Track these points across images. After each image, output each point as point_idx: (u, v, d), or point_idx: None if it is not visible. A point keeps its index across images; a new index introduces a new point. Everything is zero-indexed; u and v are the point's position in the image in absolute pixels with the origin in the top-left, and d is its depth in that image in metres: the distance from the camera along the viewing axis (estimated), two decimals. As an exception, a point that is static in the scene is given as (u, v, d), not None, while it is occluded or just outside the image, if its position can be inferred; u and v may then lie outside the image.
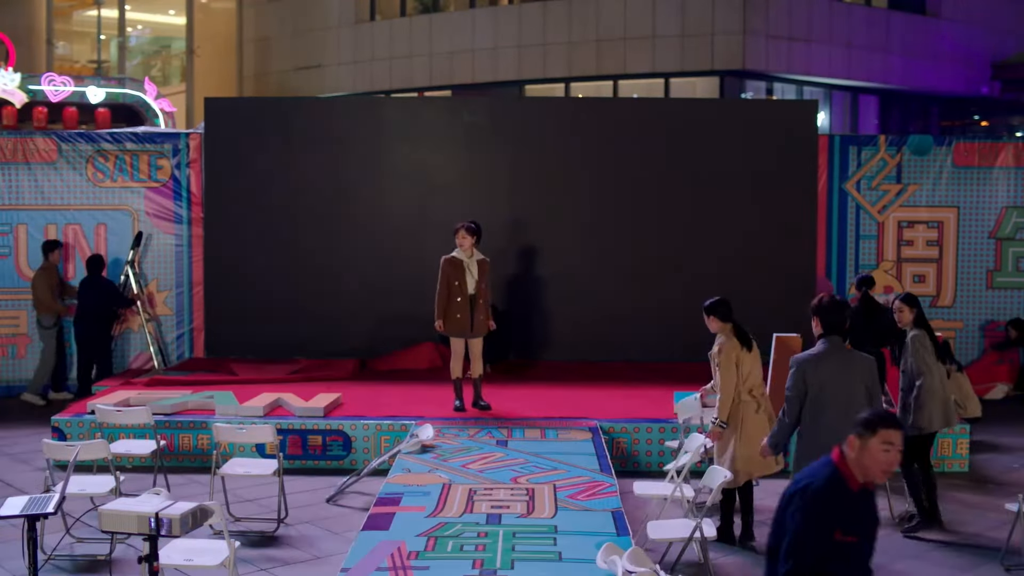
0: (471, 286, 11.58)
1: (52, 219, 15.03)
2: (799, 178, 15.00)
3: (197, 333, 15.23)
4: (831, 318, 7.65)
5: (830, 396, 7.42)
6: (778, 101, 27.18)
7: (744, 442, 8.54)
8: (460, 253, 11.64)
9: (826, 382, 7.47)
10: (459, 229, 11.75)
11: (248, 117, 15.67)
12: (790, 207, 14.94)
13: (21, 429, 12.85)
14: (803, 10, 27.78)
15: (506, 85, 29.04)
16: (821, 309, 7.70)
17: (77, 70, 34.77)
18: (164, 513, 5.83)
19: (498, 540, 7.54)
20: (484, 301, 11.70)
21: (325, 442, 11.13)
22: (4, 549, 8.64)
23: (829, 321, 7.65)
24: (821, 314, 7.69)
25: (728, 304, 8.88)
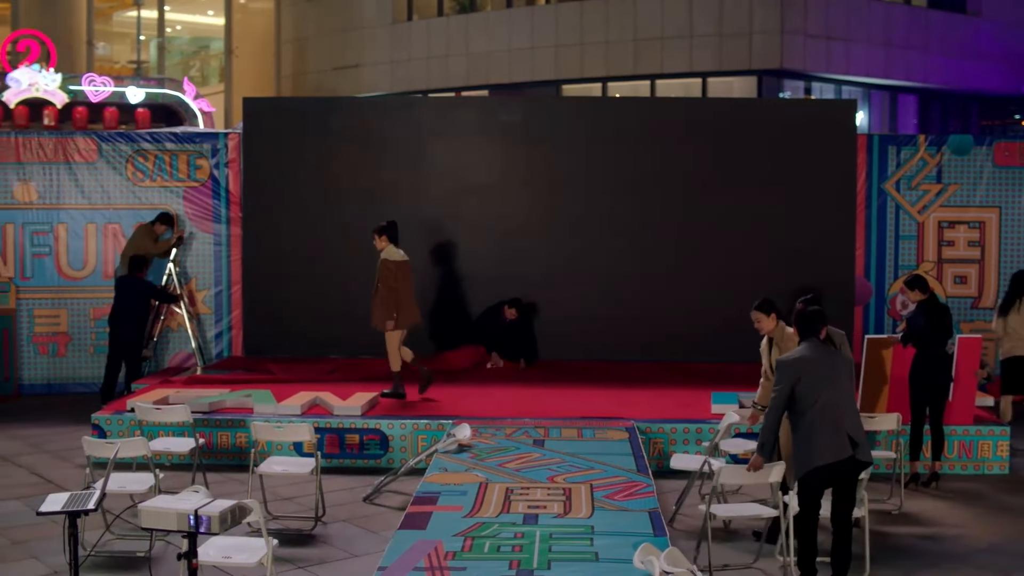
0: None
1: (92, 218, 15.14)
2: (837, 178, 14.91)
3: (235, 332, 15.31)
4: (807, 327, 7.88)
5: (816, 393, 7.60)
6: (816, 101, 27.06)
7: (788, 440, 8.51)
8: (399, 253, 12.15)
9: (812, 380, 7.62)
10: None
11: (286, 117, 15.74)
12: (828, 207, 14.85)
13: (61, 426, 12.95)
14: (841, 9, 27.64)
15: (543, 85, 29.04)
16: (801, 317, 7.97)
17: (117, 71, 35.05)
18: (203, 511, 5.85)
19: (535, 540, 7.53)
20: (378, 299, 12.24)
21: (362, 441, 11.15)
22: (45, 545, 8.72)
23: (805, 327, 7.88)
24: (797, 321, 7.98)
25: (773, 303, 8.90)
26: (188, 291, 15.09)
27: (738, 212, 14.88)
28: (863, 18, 28.10)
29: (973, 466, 11.00)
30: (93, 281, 15.10)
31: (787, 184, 14.86)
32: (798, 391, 7.65)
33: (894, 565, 8.31)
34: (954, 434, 10.92)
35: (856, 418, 7.74)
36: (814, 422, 7.58)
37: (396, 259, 12.15)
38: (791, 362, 7.76)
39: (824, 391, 7.61)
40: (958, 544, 8.99)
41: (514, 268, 14.94)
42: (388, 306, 12.10)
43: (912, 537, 9.15)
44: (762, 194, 14.87)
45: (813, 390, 7.61)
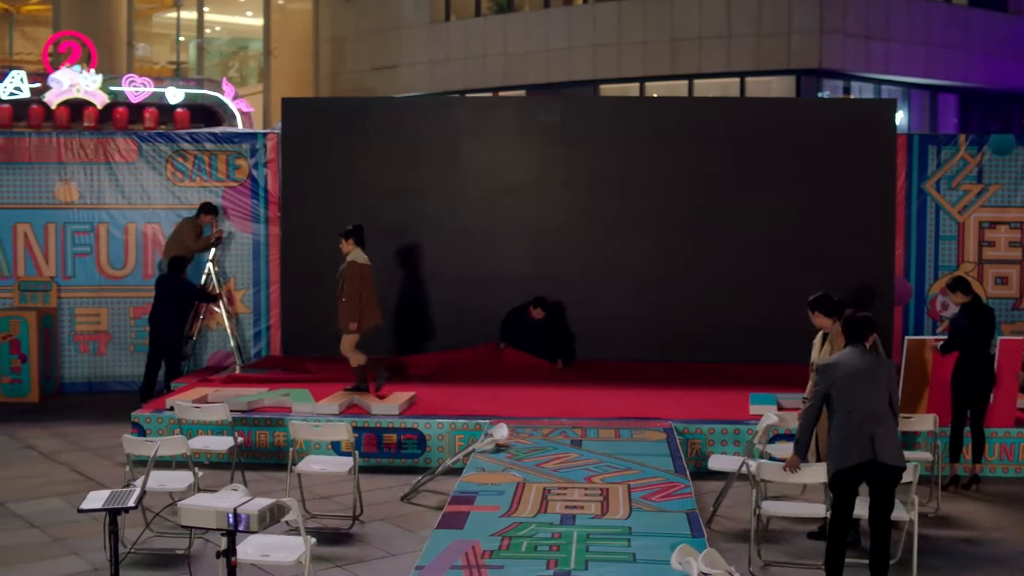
0: None
1: (132, 218, 15.25)
2: (877, 178, 14.82)
3: (274, 331, 15.38)
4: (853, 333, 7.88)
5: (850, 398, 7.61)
6: (856, 100, 26.90)
7: None
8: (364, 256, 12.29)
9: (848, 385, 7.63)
10: None
11: (324, 117, 15.79)
12: (868, 207, 14.76)
13: (102, 424, 13.04)
14: (881, 8, 27.46)
15: (581, 85, 29.01)
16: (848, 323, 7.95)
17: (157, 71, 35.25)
18: (242, 509, 5.88)
19: (572, 541, 7.52)
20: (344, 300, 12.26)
21: (400, 440, 11.18)
22: (86, 542, 8.79)
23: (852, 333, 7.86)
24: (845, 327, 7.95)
25: (831, 299, 8.83)
26: (227, 291, 15.17)
27: (777, 212, 14.82)
28: (903, 17, 27.91)
29: (1015, 468, 10.90)
30: (133, 280, 15.21)
31: (826, 184, 14.78)
32: (833, 394, 7.67)
33: (932, 568, 8.24)
34: (995, 436, 10.83)
35: (888, 425, 7.68)
36: (842, 426, 7.62)
37: (361, 262, 12.26)
38: (829, 366, 7.78)
39: (859, 398, 7.59)
40: (998, 547, 8.92)
41: (550, 268, 14.94)
42: (353, 308, 12.18)
43: (951, 540, 9.08)
44: (801, 194, 14.80)
45: (848, 395, 7.61)
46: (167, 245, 14.70)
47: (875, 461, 7.53)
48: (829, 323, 8.89)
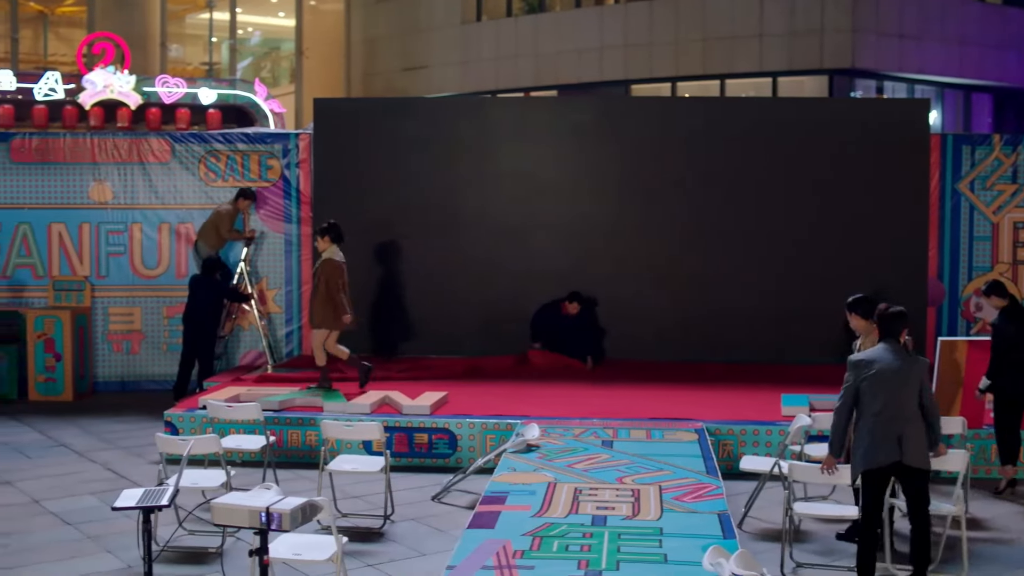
0: None
1: (165, 218, 15.33)
2: (910, 178, 14.72)
3: (305, 331, 15.41)
4: (886, 327, 7.87)
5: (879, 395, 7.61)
6: (889, 100, 26.74)
7: None
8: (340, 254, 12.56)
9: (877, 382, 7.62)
10: None
11: (356, 118, 15.83)
12: (901, 207, 14.67)
13: (135, 423, 13.13)
14: (914, 7, 27.29)
15: (612, 85, 28.96)
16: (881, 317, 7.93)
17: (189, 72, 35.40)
18: (275, 508, 5.90)
19: (603, 541, 7.51)
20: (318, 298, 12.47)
21: (431, 440, 11.19)
22: (119, 539, 8.85)
23: (885, 327, 7.85)
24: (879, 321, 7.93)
25: (871, 301, 8.79)
26: (259, 290, 15.23)
27: (809, 213, 14.76)
28: (937, 16, 27.72)
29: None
30: (166, 280, 15.29)
31: (859, 184, 14.70)
32: (863, 392, 7.66)
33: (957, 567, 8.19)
34: (1031, 439, 10.74)
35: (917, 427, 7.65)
36: (869, 425, 7.62)
37: (338, 260, 12.46)
38: (859, 361, 7.76)
39: (887, 395, 7.57)
40: None
41: (582, 267, 14.93)
42: (328, 305, 12.37)
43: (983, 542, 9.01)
44: (834, 195, 14.73)
45: (878, 394, 7.60)
46: (202, 229, 14.79)
47: (901, 463, 7.51)
48: (865, 325, 8.84)
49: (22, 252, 15.24)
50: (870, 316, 8.69)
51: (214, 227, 14.70)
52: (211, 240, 14.74)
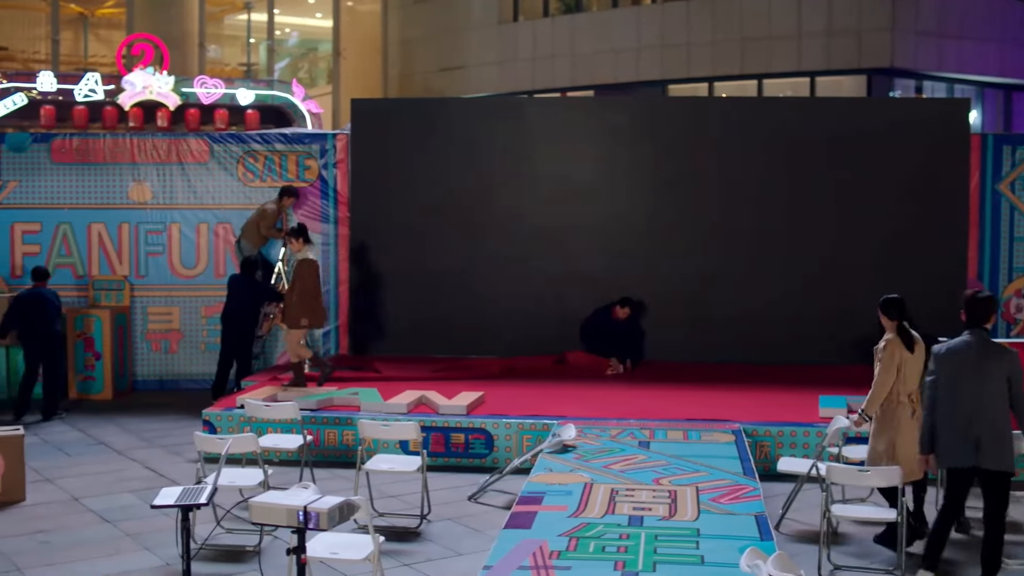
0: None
1: (204, 218, 15.42)
2: (950, 178, 14.62)
3: (342, 331, 15.48)
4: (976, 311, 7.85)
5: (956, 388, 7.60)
6: (928, 100, 26.54)
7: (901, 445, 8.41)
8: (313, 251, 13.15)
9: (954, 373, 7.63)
10: None
11: (393, 118, 15.88)
12: (941, 208, 14.58)
13: (173, 421, 13.21)
14: (954, 6, 27.06)
15: (649, 85, 28.89)
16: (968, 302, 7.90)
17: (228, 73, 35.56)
18: (312, 507, 5.92)
19: (640, 542, 7.50)
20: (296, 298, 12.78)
21: (467, 440, 11.21)
22: (158, 537, 8.91)
23: (973, 313, 7.84)
24: (967, 306, 7.91)
25: (897, 302, 8.72)
26: (296, 290, 15.27)
27: (847, 213, 14.69)
28: (976, 15, 27.48)
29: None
30: (205, 280, 15.38)
31: (898, 184, 14.62)
32: (940, 384, 7.67)
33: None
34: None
35: (999, 425, 7.58)
36: (946, 420, 7.63)
37: (313, 258, 12.86)
38: (939, 353, 7.77)
39: (966, 394, 7.54)
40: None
41: (618, 268, 14.91)
42: (306, 305, 12.69)
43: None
44: (872, 195, 14.65)
45: (955, 390, 7.58)
46: (244, 227, 14.85)
47: (978, 467, 7.47)
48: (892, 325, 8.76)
49: (62, 252, 15.36)
50: (894, 318, 8.65)
51: (255, 225, 14.77)
52: (253, 238, 14.81)
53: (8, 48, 36.28)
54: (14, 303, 13.88)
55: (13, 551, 8.68)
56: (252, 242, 14.83)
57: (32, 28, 37.78)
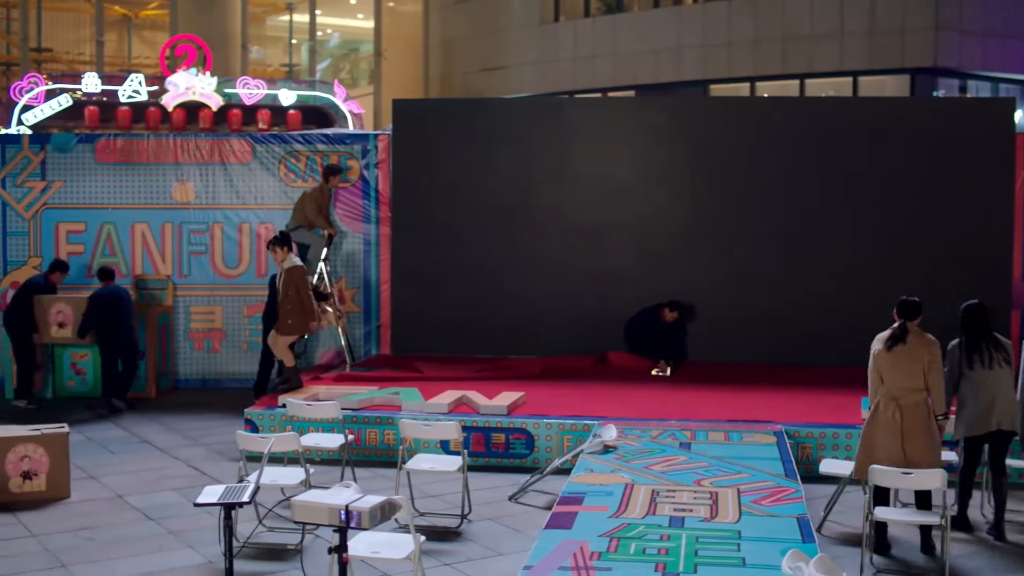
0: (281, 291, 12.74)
1: (246, 218, 15.51)
2: (995, 179, 14.48)
3: (383, 330, 15.53)
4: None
5: None
6: (972, 99, 26.32)
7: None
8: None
9: None
10: None
11: (434, 118, 15.91)
12: (985, 208, 14.45)
13: (216, 420, 13.29)
14: (998, 5, 26.83)
15: (690, 85, 28.82)
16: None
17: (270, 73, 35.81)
18: (354, 506, 5.94)
19: (681, 543, 7.48)
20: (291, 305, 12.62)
21: (508, 440, 11.21)
22: (200, 535, 8.96)
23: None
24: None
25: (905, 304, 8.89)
26: (338, 290, 15.33)
27: (890, 213, 14.58)
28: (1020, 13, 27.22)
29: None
30: (247, 279, 15.47)
31: (942, 184, 14.50)
32: None
33: None
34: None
35: None
36: None
37: (299, 265, 12.81)
38: None
39: None
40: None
41: (659, 268, 14.87)
42: (297, 311, 12.65)
43: None
44: (916, 195, 14.54)
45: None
46: (294, 211, 14.91)
47: None
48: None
49: (106, 251, 15.49)
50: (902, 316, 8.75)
51: (301, 210, 14.81)
52: (300, 216, 14.86)
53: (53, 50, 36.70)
54: (92, 302, 14.09)
55: (58, 548, 8.76)
56: (297, 219, 14.87)
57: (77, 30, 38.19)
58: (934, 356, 8.62)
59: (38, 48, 35.37)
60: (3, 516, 9.59)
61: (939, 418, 8.60)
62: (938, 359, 8.65)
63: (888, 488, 8.55)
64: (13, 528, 9.29)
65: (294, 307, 12.58)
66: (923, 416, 8.51)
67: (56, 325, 14.43)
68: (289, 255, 12.65)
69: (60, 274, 14.68)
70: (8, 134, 15.94)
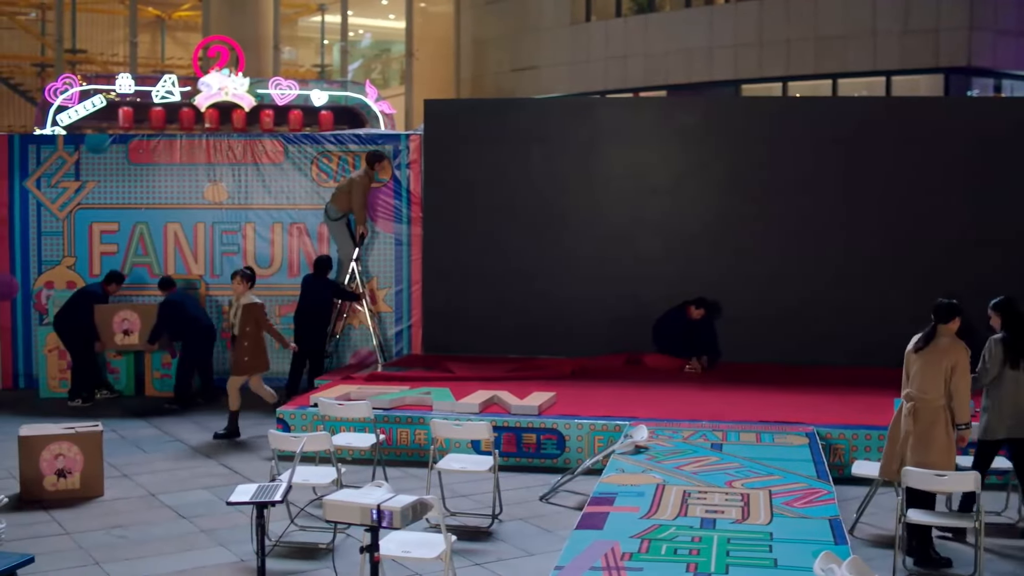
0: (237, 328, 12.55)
1: (278, 218, 15.57)
2: (1031, 179, 14.41)
3: (415, 330, 15.55)
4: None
5: None
6: (1007, 99, 26.12)
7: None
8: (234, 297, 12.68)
9: None
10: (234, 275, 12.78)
11: (465, 118, 15.94)
12: (1019, 209, 14.34)
13: (247, 419, 13.31)
14: (1034, 3, 26.64)
15: (722, 85, 28.73)
16: None
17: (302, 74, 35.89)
18: (386, 506, 5.96)
19: (712, 545, 7.45)
20: (248, 343, 12.51)
21: (539, 440, 11.21)
22: (232, 533, 9.01)
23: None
24: None
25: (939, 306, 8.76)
26: (370, 290, 15.38)
27: (926, 213, 14.50)
28: (1056, 12, 27.03)
29: None
30: (278, 279, 15.52)
31: (977, 185, 14.41)
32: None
33: None
34: None
35: None
36: None
37: (258, 302, 12.68)
38: None
39: None
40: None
41: (691, 268, 14.85)
42: (259, 348, 12.66)
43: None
44: (951, 195, 14.46)
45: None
46: (337, 195, 14.96)
47: None
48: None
49: (139, 251, 15.59)
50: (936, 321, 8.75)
51: (347, 194, 14.86)
52: (342, 203, 14.91)
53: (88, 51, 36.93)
54: (163, 309, 14.29)
55: (91, 545, 8.82)
56: (339, 206, 14.92)
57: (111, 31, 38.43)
58: (961, 362, 8.50)
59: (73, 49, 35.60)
60: (38, 513, 9.67)
61: (961, 427, 8.50)
62: (965, 365, 8.54)
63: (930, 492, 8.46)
64: (47, 525, 9.36)
65: (252, 345, 12.56)
66: (935, 421, 8.42)
67: (122, 332, 14.56)
68: (248, 292, 12.62)
69: (116, 285, 14.86)
70: (43, 135, 16.05)
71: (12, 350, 15.60)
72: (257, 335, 12.62)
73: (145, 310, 14.64)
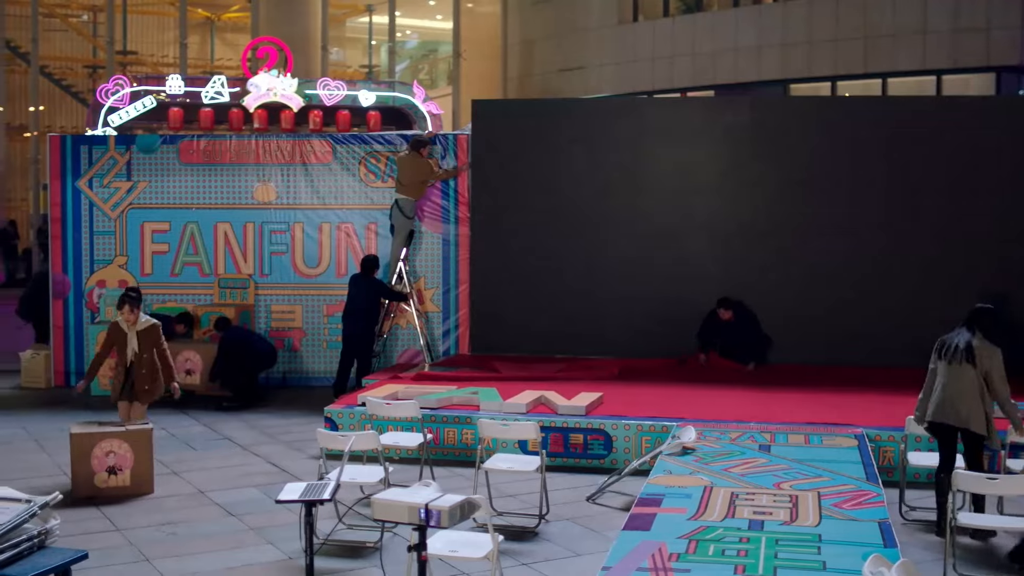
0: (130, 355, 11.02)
1: (326, 218, 15.65)
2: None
3: (462, 330, 15.58)
4: None
5: None
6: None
7: None
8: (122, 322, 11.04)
9: None
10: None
11: (513, 118, 15.96)
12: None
13: (296, 418, 13.42)
14: (1087, 1, 26.29)
15: (770, 84, 28.56)
16: None
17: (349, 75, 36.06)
18: (434, 505, 5.97)
19: (760, 546, 7.42)
20: (147, 370, 11.00)
21: (586, 441, 11.20)
22: (280, 531, 9.06)
23: None
24: None
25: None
26: (417, 290, 15.42)
27: (973, 214, 14.37)
28: (1109, 10, 26.67)
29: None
30: (326, 279, 15.60)
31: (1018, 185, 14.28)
32: None
33: None
34: None
35: None
36: None
37: (156, 323, 11.21)
38: None
39: None
40: None
41: (738, 268, 14.80)
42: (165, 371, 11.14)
43: None
44: (999, 196, 14.32)
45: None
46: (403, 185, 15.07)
47: None
48: None
49: (189, 251, 15.72)
50: None
51: (419, 183, 15.04)
52: (415, 191, 15.06)
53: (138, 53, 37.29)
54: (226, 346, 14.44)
55: (141, 542, 8.91)
56: (415, 195, 15.05)
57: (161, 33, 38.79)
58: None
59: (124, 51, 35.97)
60: (89, 510, 9.77)
61: None
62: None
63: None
64: (98, 522, 9.46)
65: (150, 372, 11.03)
66: None
67: (184, 372, 14.61)
68: (140, 316, 11.09)
69: (184, 327, 14.99)
70: (95, 135, 16.19)
71: (64, 348, 15.78)
72: (162, 360, 11.15)
73: (206, 350, 14.74)
